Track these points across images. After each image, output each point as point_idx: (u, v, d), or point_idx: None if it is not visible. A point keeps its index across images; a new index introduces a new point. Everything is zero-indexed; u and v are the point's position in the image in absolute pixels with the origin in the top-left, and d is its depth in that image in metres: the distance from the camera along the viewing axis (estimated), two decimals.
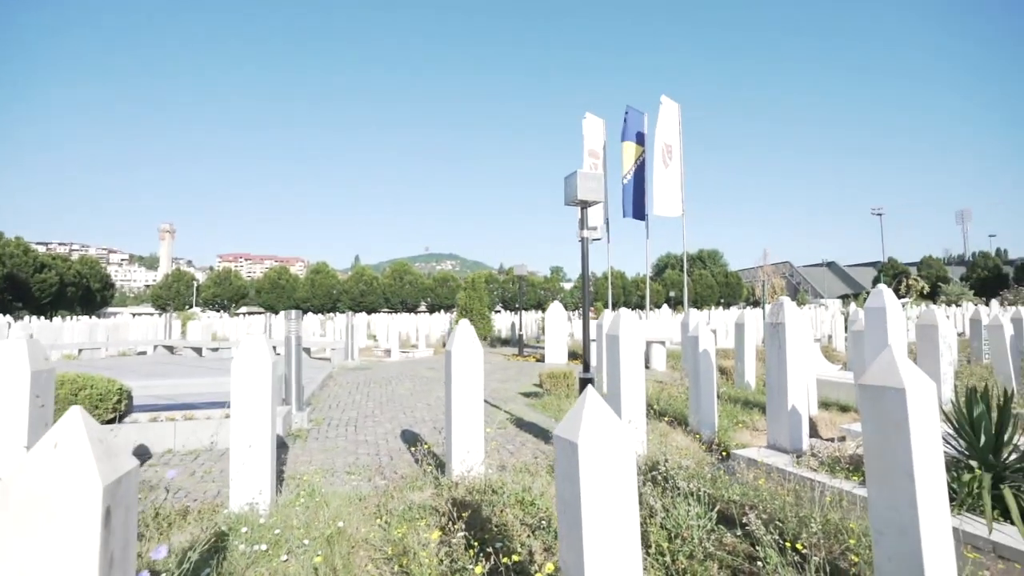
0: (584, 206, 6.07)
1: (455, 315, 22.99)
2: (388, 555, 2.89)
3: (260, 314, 49.13)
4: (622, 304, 65.50)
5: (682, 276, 32.59)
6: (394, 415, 7.41)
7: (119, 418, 5.67)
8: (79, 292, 62.73)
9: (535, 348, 18.30)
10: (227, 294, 74.32)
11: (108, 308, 71.42)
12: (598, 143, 17.37)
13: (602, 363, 7.71)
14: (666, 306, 22.76)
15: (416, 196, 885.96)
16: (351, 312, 19.25)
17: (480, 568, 2.48)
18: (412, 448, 5.43)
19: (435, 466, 4.49)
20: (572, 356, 14.68)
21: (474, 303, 19.42)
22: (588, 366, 6.17)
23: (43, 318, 36.51)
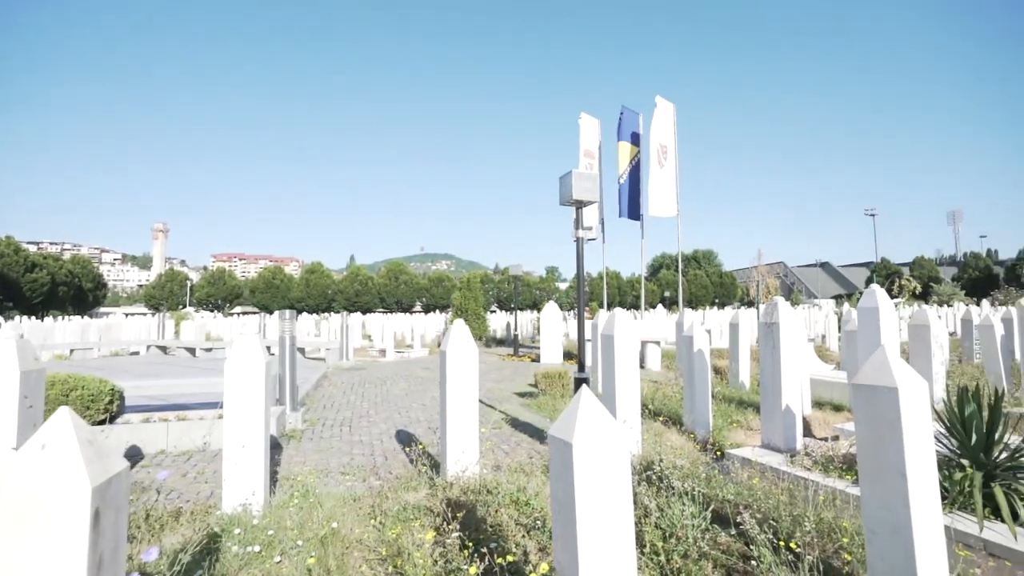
0: (579, 206, 6.07)
1: (450, 315, 22.99)
2: (382, 556, 2.88)
3: (254, 314, 48.95)
4: (617, 304, 65.61)
5: (677, 276, 32.67)
6: (389, 415, 7.39)
7: (111, 419, 5.62)
8: (71, 292, 62.20)
9: (530, 348, 18.30)
10: (221, 294, 73.88)
11: (100, 308, 70.89)
12: (594, 143, 17.38)
13: (597, 363, 7.71)
14: (661, 306, 22.81)
15: (412, 196, 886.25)
16: (346, 312, 19.19)
17: (475, 568, 2.47)
18: (407, 448, 5.41)
19: (430, 466, 4.48)
20: (567, 356, 14.70)
21: (469, 303, 19.42)
22: (583, 366, 6.18)
23: (34, 318, 36.21)
